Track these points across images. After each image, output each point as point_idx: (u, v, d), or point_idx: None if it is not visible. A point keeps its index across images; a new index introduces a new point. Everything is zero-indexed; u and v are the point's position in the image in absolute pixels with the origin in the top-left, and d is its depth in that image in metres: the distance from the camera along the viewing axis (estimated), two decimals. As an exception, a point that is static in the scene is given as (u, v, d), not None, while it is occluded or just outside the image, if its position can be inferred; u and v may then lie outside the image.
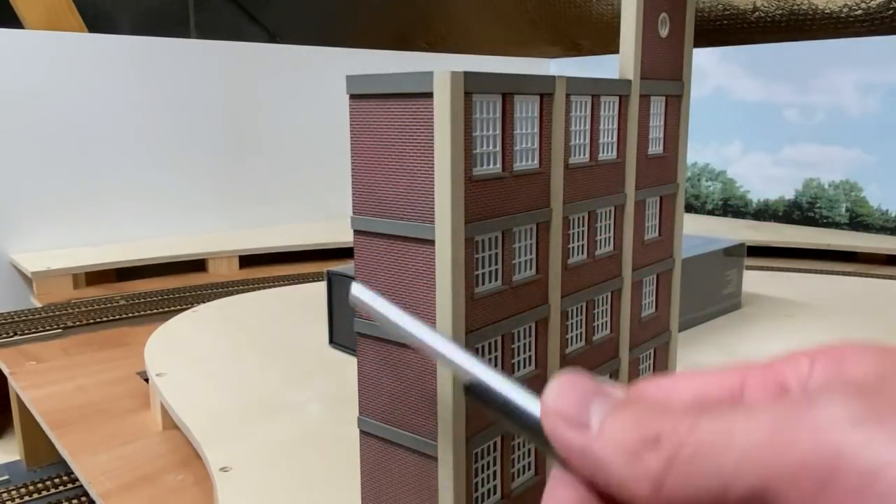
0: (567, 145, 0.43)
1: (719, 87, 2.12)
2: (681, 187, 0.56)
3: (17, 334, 1.15)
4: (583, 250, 0.47)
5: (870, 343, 0.18)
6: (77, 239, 1.67)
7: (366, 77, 0.37)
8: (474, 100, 0.36)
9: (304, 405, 0.80)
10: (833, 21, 2.03)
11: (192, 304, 1.30)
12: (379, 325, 0.33)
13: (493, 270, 0.39)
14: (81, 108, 1.67)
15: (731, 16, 2.21)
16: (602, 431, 0.18)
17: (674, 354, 0.58)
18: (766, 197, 2.08)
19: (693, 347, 0.97)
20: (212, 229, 1.89)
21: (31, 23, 1.75)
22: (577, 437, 0.18)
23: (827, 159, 1.96)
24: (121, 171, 1.74)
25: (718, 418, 0.17)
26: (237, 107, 1.91)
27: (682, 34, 0.54)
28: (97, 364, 1.03)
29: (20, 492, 0.90)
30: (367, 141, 0.38)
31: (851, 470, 0.15)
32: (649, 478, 0.17)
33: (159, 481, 0.71)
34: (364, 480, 0.42)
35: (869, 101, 1.87)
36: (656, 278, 0.55)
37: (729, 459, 0.16)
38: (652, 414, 0.18)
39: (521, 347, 0.42)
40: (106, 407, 0.88)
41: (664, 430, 0.17)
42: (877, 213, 1.88)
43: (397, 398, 0.39)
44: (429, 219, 0.36)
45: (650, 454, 0.17)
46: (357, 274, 0.40)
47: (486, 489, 0.40)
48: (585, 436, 0.18)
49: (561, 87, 0.42)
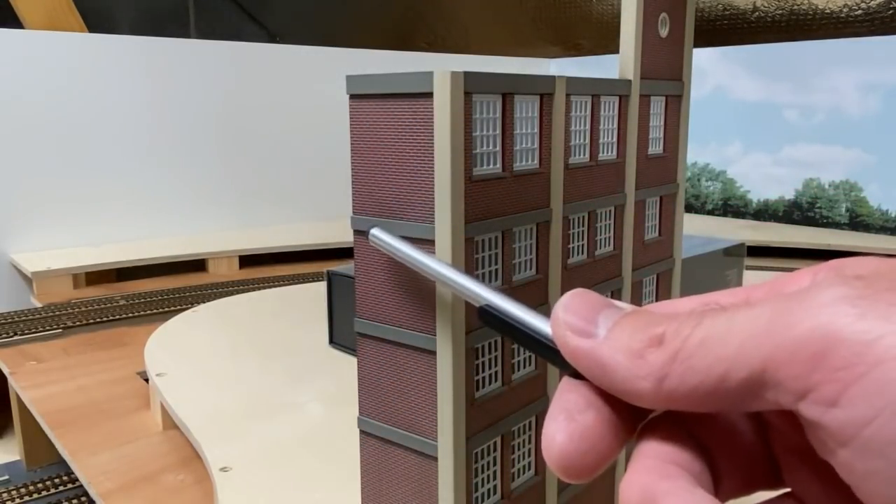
0: (567, 145, 0.43)
1: (719, 87, 2.12)
2: (681, 187, 0.56)
3: (17, 334, 1.15)
4: (583, 250, 0.47)
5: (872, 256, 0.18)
6: (77, 239, 1.67)
7: (366, 77, 0.37)
8: (474, 100, 0.36)
9: (304, 405, 0.80)
10: (833, 21, 2.03)
11: (191, 304, 1.30)
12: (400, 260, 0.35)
13: (493, 270, 0.39)
14: (81, 108, 1.67)
15: (731, 16, 2.21)
16: (608, 336, 0.19)
17: (674, 354, 0.58)
18: (766, 197, 2.08)
19: (693, 347, 0.97)
20: (212, 229, 1.89)
21: (31, 23, 1.75)
22: (585, 343, 0.19)
23: (827, 159, 1.96)
24: (121, 171, 1.74)
25: (721, 314, 0.17)
26: (237, 107, 1.91)
27: (682, 34, 0.54)
28: (97, 364, 1.03)
29: (20, 492, 0.90)
30: (367, 141, 0.38)
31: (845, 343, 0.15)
32: (652, 374, 0.17)
33: (159, 481, 0.71)
34: (364, 480, 0.42)
35: (869, 101, 1.87)
36: (656, 278, 0.55)
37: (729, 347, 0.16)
38: (658, 318, 0.18)
39: (522, 347, 0.42)
40: (106, 407, 0.88)
41: (668, 330, 0.18)
42: (877, 213, 1.88)
43: (397, 398, 0.39)
44: (429, 219, 0.36)
45: (653, 352, 0.17)
46: (357, 274, 0.40)
47: (486, 489, 0.40)
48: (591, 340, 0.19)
49: (561, 87, 0.42)
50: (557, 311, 0.20)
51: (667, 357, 0.17)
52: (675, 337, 0.17)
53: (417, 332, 0.37)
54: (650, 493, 0.17)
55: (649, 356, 0.18)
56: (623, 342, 0.18)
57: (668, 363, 0.17)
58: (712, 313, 0.17)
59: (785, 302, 0.16)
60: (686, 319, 0.18)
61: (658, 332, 0.18)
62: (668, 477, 0.18)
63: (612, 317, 0.19)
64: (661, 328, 0.18)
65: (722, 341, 0.17)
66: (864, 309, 0.15)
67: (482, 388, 0.39)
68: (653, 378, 0.17)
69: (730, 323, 0.17)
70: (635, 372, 0.18)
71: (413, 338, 0.38)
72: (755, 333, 0.16)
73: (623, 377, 0.18)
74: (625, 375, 0.18)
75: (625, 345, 0.18)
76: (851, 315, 0.15)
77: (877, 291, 0.15)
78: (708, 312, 0.17)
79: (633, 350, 0.18)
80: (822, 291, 0.16)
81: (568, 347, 0.19)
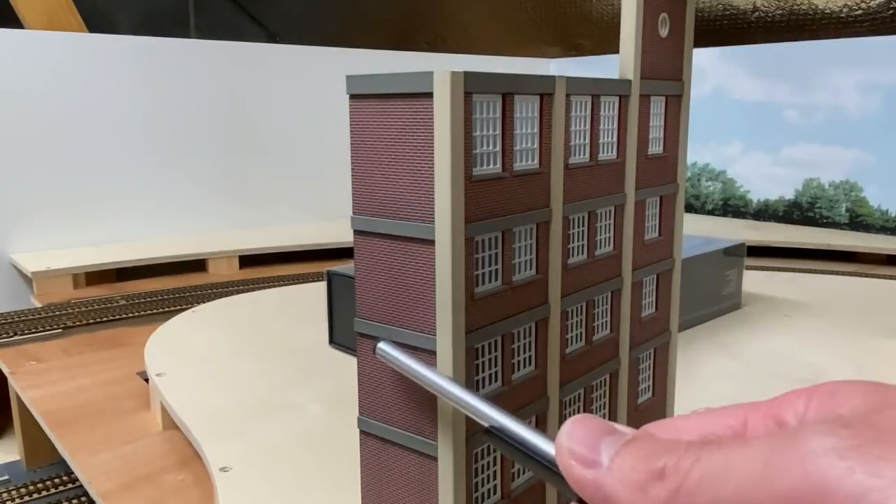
0: (567, 145, 0.43)
1: (719, 87, 2.12)
2: (681, 187, 0.56)
3: (17, 334, 1.15)
4: (583, 250, 0.47)
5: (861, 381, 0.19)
6: (77, 239, 1.67)
7: (366, 77, 0.37)
8: (474, 100, 0.36)
9: (304, 405, 0.80)
10: (833, 21, 2.03)
11: (192, 304, 1.30)
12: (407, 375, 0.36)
13: (493, 270, 0.39)
14: (81, 108, 1.67)
15: (731, 16, 2.21)
16: (611, 468, 0.19)
17: (674, 354, 0.58)
18: (766, 197, 2.08)
19: (693, 347, 0.97)
20: (212, 229, 1.89)
21: (31, 23, 1.75)
22: (589, 474, 0.20)
23: (827, 159, 1.96)
24: (121, 171, 1.74)
25: (718, 451, 0.18)
26: (237, 107, 1.91)
27: (682, 34, 0.54)
28: (97, 364, 1.03)
29: (20, 492, 0.90)
30: (367, 141, 0.38)
31: (837, 497, 0.16)
32: None
33: (159, 481, 0.71)
34: (364, 480, 0.42)
35: (869, 102, 1.87)
36: (656, 278, 0.55)
37: (727, 488, 0.17)
38: (658, 449, 0.19)
39: (521, 347, 0.42)
40: (106, 407, 0.88)
41: (668, 464, 0.18)
42: (877, 213, 1.88)
43: (397, 398, 0.39)
44: (429, 219, 0.36)
45: (656, 487, 0.18)
46: (357, 274, 0.40)
47: (486, 489, 0.40)
48: (597, 472, 0.20)
49: (561, 87, 0.42)
50: (561, 439, 0.21)
51: (668, 493, 0.18)
52: (675, 472, 0.18)
53: (417, 331, 0.37)
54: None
55: (651, 490, 0.18)
56: (625, 474, 0.19)
57: (670, 499, 0.18)
58: (710, 449, 0.18)
59: (777, 442, 0.17)
60: (685, 454, 0.18)
61: (658, 466, 0.18)
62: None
63: (614, 444, 0.20)
64: (661, 461, 0.19)
65: (720, 482, 0.17)
66: (853, 462, 0.16)
67: (482, 388, 0.39)
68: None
69: (726, 462, 0.18)
70: None
71: (413, 338, 0.38)
72: (751, 478, 0.17)
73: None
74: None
75: (627, 477, 0.19)
76: (841, 469, 0.16)
77: (865, 443, 0.16)
78: (706, 448, 0.18)
79: (636, 483, 0.19)
80: (811, 440, 0.17)
81: (573, 477, 0.20)
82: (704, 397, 0.81)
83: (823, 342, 0.99)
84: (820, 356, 0.94)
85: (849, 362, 0.91)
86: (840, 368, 0.89)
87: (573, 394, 0.46)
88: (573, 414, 0.47)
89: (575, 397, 0.47)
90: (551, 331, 0.43)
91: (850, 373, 0.88)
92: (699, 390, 0.83)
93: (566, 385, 0.45)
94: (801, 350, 0.97)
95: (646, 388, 0.55)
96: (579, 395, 0.47)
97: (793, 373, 0.88)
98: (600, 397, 0.50)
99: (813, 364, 0.91)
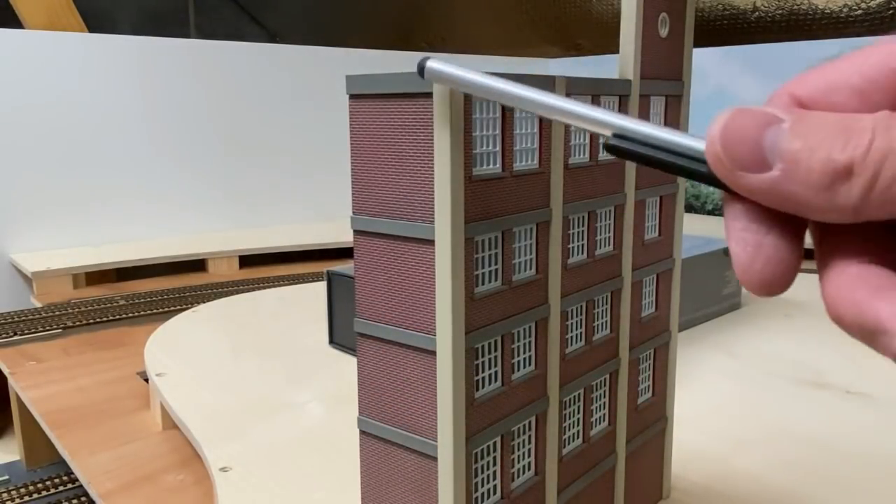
0: (567, 145, 0.43)
1: (719, 87, 2.12)
2: (681, 187, 0.56)
3: (17, 334, 1.15)
4: (583, 250, 0.47)
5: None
6: (77, 239, 1.67)
7: (365, 77, 0.37)
8: (474, 100, 0.36)
9: (304, 405, 0.80)
10: (833, 21, 2.03)
11: (192, 304, 1.30)
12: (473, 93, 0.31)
13: (493, 270, 0.39)
14: (81, 108, 1.67)
15: (731, 16, 2.21)
16: (787, 174, 0.18)
17: (674, 354, 0.58)
18: (766, 197, 2.08)
19: (693, 347, 0.97)
20: (212, 229, 1.89)
21: (31, 23, 1.75)
22: (761, 181, 0.18)
23: (827, 159, 1.95)
24: (121, 170, 1.74)
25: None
26: (237, 107, 1.91)
27: (682, 34, 0.54)
28: (97, 364, 1.03)
29: (20, 492, 0.90)
30: (367, 141, 0.38)
31: None
32: (847, 207, 0.17)
33: (159, 481, 0.71)
34: (364, 480, 0.42)
35: (869, 101, 1.87)
36: (656, 278, 0.55)
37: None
38: (836, 142, 0.17)
39: (521, 347, 0.42)
40: (106, 407, 0.88)
41: (854, 160, 0.17)
42: (877, 213, 1.88)
43: (397, 398, 0.39)
44: (429, 219, 0.36)
45: (845, 187, 0.17)
46: (357, 274, 0.40)
47: (486, 489, 0.40)
48: (769, 177, 0.18)
49: (561, 87, 0.42)
50: (715, 146, 0.19)
51: (860, 192, 0.17)
52: (863, 169, 0.16)
53: (417, 332, 0.37)
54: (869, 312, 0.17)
55: (841, 190, 0.17)
56: (807, 178, 0.17)
57: (863, 198, 0.17)
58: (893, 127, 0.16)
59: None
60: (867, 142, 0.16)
61: (842, 164, 0.17)
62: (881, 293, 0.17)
63: (777, 138, 0.18)
64: (844, 156, 0.17)
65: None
66: None
67: (482, 388, 0.39)
68: (849, 211, 0.17)
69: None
70: (828, 206, 0.17)
71: (413, 338, 0.38)
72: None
73: (814, 210, 0.17)
74: (816, 208, 0.17)
75: (810, 182, 0.17)
76: None
77: None
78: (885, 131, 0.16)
79: (822, 186, 0.17)
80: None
81: (743, 187, 0.18)
82: (704, 397, 0.81)
83: (823, 342, 0.99)
84: (820, 356, 0.94)
85: (849, 362, 0.91)
86: (840, 368, 0.89)
87: (573, 394, 0.46)
88: (573, 414, 0.47)
89: (575, 397, 0.47)
90: (551, 331, 0.43)
91: (851, 373, 0.88)
92: (699, 390, 0.83)
93: (566, 385, 0.45)
94: (801, 350, 0.97)
95: (646, 388, 0.55)
96: (579, 395, 0.47)
97: (793, 373, 0.88)
98: (600, 397, 0.50)
99: (813, 364, 0.91)
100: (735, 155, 0.18)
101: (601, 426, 0.50)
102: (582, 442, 0.48)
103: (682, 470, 0.62)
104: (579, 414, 0.48)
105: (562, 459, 0.46)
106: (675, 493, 0.60)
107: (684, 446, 0.60)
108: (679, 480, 0.62)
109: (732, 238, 0.19)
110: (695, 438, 0.70)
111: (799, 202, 0.18)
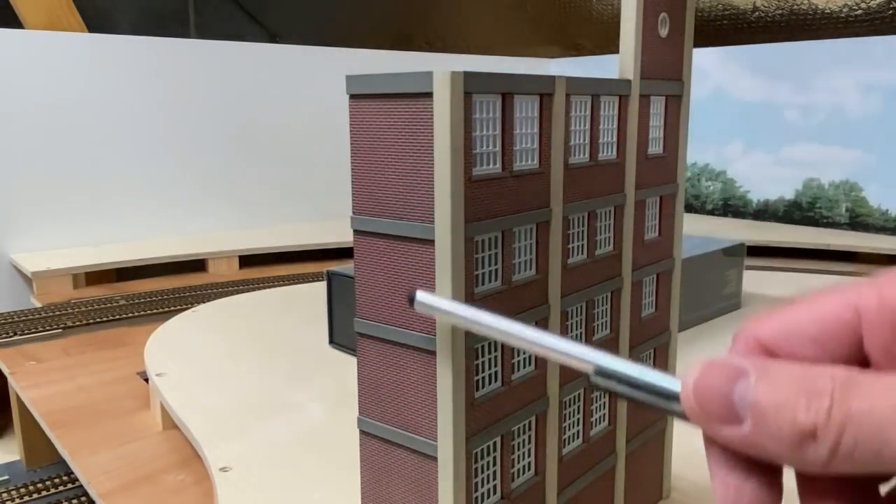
0: (567, 145, 0.43)
1: (719, 87, 2.12)
2: (681, 187, 0.56)
3: (17, 334, 1.15)
4: (583, 250, 0.47)
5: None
6: (77, 239, 1.67)
7: (366, 77, 0.37)
8: (474, 100, 0.36)
9: (304, 405, 0.80)
10: (833, 21, 2.03)
11: (191, 304, 1.30)
12: (460, 326, 0.32)
13: (493, 270, 0.39)
14: (81, 108, 1.67)
15: (731, 16, 2.21)
16: (757, 428, 0.19)
17: (674, 354, 0.58)
18: (766, 197, 2.08)
19: (693, 347, 0.97)
20: (212, 229, 1.89)
21: (31, 23, 1.75)
22: (733, 433, 0.19)
23: (827, 159, 1.95)
24: (121, 170, 1.74)
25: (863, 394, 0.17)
26: (237, 107, 1.91)
27: (682, 34, 0.54)
28: (97, 364, 1.03)
29: (20, 492, 0.90)
30: (367, 141, 0.38)
31: None
32: (818, 464, 0.18)
33: (159, 481, 0.71)
34: (364, 480, 0.42)
35: (869, 102, 1.87)
36: (656, 278, 0.55)
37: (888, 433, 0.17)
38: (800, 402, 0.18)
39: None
40: (106, 407, 0.88)
41: (818, 424, 0.18)
42: (877, 213, 1.88)
43: (397, 398, 0.39)
44: (429, 219, 0.36)
45: (811, 446, 0.18)
46: (357, 274, 0.40)
47: (486, 489, 0.40)
48: (741, 430, 0.19)
49: (561, 87, 0.42)
50: (690, 400, 0.20)
51: (827, 453, 0.18)
52: (826, 434, 0.18)
53: (417, 332, 0.37)
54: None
55: (808, 449, 0.18)
56: (776, 434, 0.18)
57: (830, 458, 0.18)
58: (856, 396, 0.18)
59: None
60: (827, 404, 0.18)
61: (808, 425, 0.18)
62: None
63: (746, 392, 0.19)
64: (809, 418, 0.18)
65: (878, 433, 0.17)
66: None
67: (482, 388, 0.39)
68: (818, 467, 0.18)
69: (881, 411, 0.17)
70: (799, 462, 0.18)
71: (413, 338, 0.38)
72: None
73: (787, 463, 0.19)
74: (788, 462, 0.19)
75: (779, 438, 0.18)
76: None
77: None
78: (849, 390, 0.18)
79: (792, 442, 0.18)
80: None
81: (719, 438, 0.19)
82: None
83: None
84: (820, 356, 0.94)
85: (849, 362, 0.91)
86: (840, 368, 0.89)
87: (573, 394, 0.46)
88: (573, 414, 0.47)
89: (575, 397, 0.47)
90: (551, 330, 0.43)
91: (850, 373, 0.88)
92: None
93: (566, 385, 0.45)
94: (801, 350, 0.97)
95: (646, 388, 0.55)
96: (579, 395, 0.47)
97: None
98: (600, 397, 0.50)
99: (813, 364, 0.91)
100: (708, 409, 0.19)
101: (601, 426, 0.50)
102: (582, 442, 0.48)
103: (682, 470, 0.62)
104: (579, 414, 0.48)
105: (562, 459, 0.46)
106: (675, 493, 0.60)
107: (684, 446, 0.60)
108: (679, 480, 0.62)
109: (715, 480, 0.20)
110: (695, 438, 0.70)
111: (771, 455, 0.19)
